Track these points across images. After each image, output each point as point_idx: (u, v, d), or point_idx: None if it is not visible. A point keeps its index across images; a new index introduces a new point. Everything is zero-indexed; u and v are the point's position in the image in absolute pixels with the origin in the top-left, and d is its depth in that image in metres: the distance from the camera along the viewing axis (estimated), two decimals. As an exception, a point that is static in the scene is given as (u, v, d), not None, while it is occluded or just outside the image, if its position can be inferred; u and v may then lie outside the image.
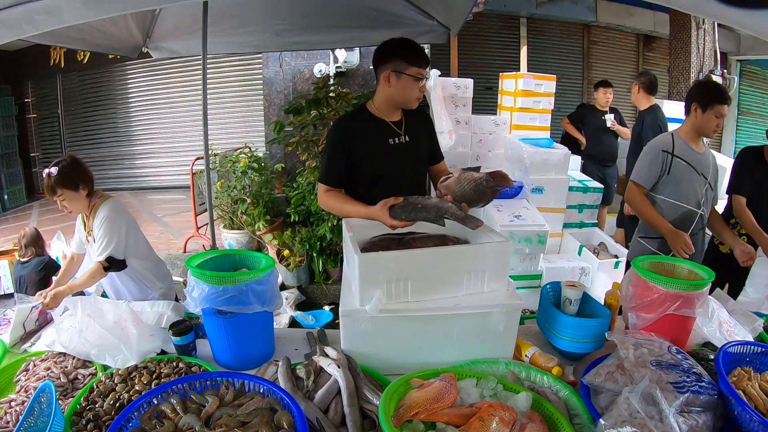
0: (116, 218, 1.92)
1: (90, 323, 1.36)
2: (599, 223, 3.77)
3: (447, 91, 3.34)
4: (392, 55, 1.63)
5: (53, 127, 7.45)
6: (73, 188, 1.85)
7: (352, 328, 1.25)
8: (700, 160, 2.10)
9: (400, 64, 1.61)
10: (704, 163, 2.11)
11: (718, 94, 2.04)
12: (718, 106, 2.02)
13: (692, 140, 2.12)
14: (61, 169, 1.83)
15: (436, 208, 1.38)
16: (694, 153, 2.11)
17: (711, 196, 2.17)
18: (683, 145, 2.12)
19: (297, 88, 5.46)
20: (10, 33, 1.20)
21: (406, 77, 1.62)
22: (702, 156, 2.11)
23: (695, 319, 1.35)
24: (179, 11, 2.99)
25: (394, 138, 1.73)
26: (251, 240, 4.63)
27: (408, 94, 1.65)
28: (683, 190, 2.11)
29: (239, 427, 0.92)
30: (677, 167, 2.10)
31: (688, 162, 2.09)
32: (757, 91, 7.47)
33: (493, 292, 1.30)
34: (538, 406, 1.07)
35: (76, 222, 2.03)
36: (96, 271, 1.88)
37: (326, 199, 1.72)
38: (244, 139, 5.77)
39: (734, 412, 0.98)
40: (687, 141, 2.12)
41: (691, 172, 2.09)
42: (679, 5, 1.17)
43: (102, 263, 1.88)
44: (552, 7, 6.55)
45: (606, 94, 4.36)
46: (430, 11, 2.99)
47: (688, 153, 2.11)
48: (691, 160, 2.10)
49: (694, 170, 2.09)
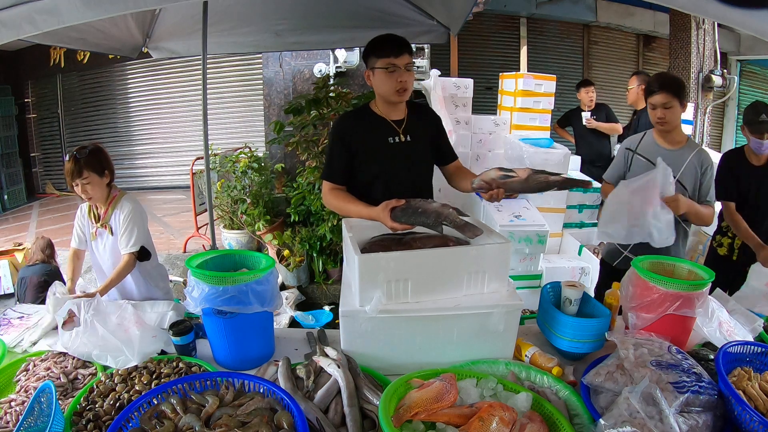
0: (141, 211, 1.96)
1: (92, 324, 1.36)
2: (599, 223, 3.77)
3: (447, 91, 3.35)
4: (366, 54, 1.68)
5: (53, 127, 7.45)
6: (99, 173, 1.87)
7: (352, 329, 1.26)
8: (667, 157, 1.98)
9: (371, 59, 1.65)
10: (672, 160, 1.98)
11: (649, 85, 1.99)
12: (650, 97, 1.96)
13: (661, 137, 2.06)
14: (90, 152, 1.87)
15: (436, 213, 1.38)
16: (661, 150, 2.04)
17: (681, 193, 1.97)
18: (651, 142, 2.08)
19: (297, 88, 5.46)
20: (10, 33, 1.20)
21: (378, 71, 1.64)
22: (670, 152, 2.01)
23: (695, 319, 1.35)
24: (179, 11, 2.98)
25: (393, 137, 1.73)
26: (251, 240, 4.63)
27: (386, 87, 1.64)
28: None
29: (239, 427, 0.92)
30: (637, 164, 2.08)
31: (648, 159, 2.05)
32: (757, 91, 7.46)
33: (493, 292, 1.30)
34: (538, 406, 1.07)
35: (76, 218, 2.03)
36: (128, 262, 1.90)
37: (330, 197, 1.73)
38: (244, 139, 5.77)
39: (734, 412, 0.98)
40: (656, 138, 2.07)
41: (650, 169, 1.98)
42: (679, 5, 1.17)
43: (134, 254, 1.91)
44: (552, 7, 6.55)
45: (588, 93, 4.28)
46: (430, 11, 2.99)
47: (653, 150, 2.06)
48: (654, 157, 2.01)
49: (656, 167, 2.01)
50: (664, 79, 1.95)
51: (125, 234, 1.91)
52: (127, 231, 1.90)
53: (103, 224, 1.95)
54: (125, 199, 1.95)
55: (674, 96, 1.91)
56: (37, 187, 7.53)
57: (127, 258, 1.90)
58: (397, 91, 1.64)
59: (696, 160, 1.99)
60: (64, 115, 7.36)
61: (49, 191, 7.48)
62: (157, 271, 2.13)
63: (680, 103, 1.94)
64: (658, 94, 1.93)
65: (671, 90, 1.90)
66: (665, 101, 1.91)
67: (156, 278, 2.10)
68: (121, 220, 1.91)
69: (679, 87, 1.93)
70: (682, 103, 1.95)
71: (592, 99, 4.30)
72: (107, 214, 1.94)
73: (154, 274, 2.09)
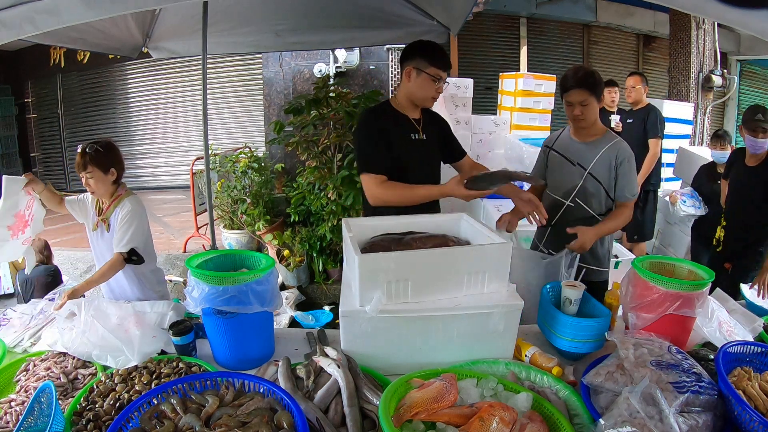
0: (142, 214, 1.95)
1: (93, 324, 1.36)
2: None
3: (447, 91, 3.35)
4: (416, 53, 1.76)
5: (53, 127, 7.45)
6: (103, 170, 1.87)
7: (352, 329, 1.25)
8: (580, 150, 1.95)
9: (422, 62, 1.74)
10: (585, 153, 1.94)
11: (565, 81, 1.89)
12: (565, 94, 1.88)
13: (576, 132, 1.99)
14: (97, 149, 1.87)
15: (503, 175, 1.62)
16: (576, 144, 1.98)
17: (595, 187, 1.93)
18: (566, 137, 2.04)
19: (297, 88, 5.47)
20: (10, 33, 1.20)
21: (425, 75, 1.74)
22: (583, 146, 1.95)
23: (695, 319, 1.35)
24: (179, 11, 2.98)
25: (415, 134, 1.83)
26: (251, 240, 4.64)
27: (425, 91, 1.77)
28: (555, 181, 2.05)
29: (239, 427, 0.91)
30: (552, 160, 2.07)
31: (562, 154, 2.01)
32: (757, 91, 7.46)
33: (493, 292, 1.30)
34: (539, 406, 1.07)
35: (87, 197, 2.02)
36: (116, 261, 1.86)
37: (384, 189, 1.74)
38: (244, 139, 5.77)
39: (734, 412, 0.98)
40: (572, 133, 2.01)
41: (563, 163, 1.99)
42: (679, 5, 1.17)
43: (123, 254, 1.86)
44: (552, 7, 6.56)
45: (611, 94, 4.04)
46: (430, 11, 2.99)
47: (567, 144, 2.02)
48: (568, 151, 2.00)
49: (569, 161, 1.98)
50: (580, 75, 1.83)
51: (119, 232, 1.89)
52: (122, 230, 1.89)
53: (104, 219, 1.95)
54: (129, 198, 1.95)
55: (591, 93, 1.82)
56: (37, 187, 7.52)
57: (115, 257, 1.86)
58: (432, 98, 1.81)
59: (611, 153, 1.88)
60: (64, 115, 7.36)
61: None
62: (154, 274, 2.11)
63: (597, 99, 1.85)
64: (574, 91, 1.83)
65: (587, 86, 1.81)
66: (582, 99, 1.82)
67: (152, 281, 2.08)
68: (119, 219, 1.91)
69: (595, 83, 1.83)
70: (598, 99, 1.87)
71: (614, 100, 4.06)
72: (108, 210, 1.94)
73: (150, 277, 2.07)
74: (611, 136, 1.93)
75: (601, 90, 1.90)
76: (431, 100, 1.82)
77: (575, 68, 1.88)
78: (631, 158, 1.89)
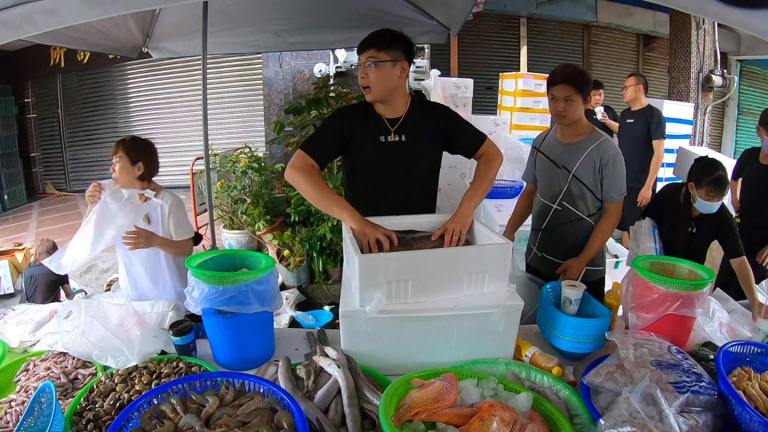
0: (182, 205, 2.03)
1: (93, 324, 1.36)
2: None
3: (447, 91, 3.35)
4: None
5: (53, 127, 7.46)
6: (131, 160, 1.90)
7: (352, 329, 1.25)
8: (564, 152, 1.91)
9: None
10: (569, 156, 1.90)
11: (552, 75, 1.86)
12: (551, 88, 1.85)
13: (561, 132, 1.96)
14: (133, 138, 1.95)
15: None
16: (560, 145, 1.95)
17: (581, 190, 1.89)
18: (552, 139, 2.00)
19: (297, 88, 5.47)
20: (10, 33, 1.20)
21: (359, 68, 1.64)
22: (567, 147, 1.91)
23: (695, 319, 1.35)
24: (179, 11, 2.98)
25: (385, 136, 1.68)
26: (251, 240, 4.64)
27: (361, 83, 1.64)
28: (543, 184, 2.02)
29: (239, 427, 0.91)
30: (540, 162, 2.03)
31: (548, 156, 1.98)
32: (757, 91, 7.46)
33: (493, 293, 1.30)
34: (539, 406, 1.07)
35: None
36: (187, 246, 1.98)
37: (301, 171, 1.55)
38: (244, 139, 5.78)
39: (734, 412, 0.98)
40: (558, 134, 1.97)
41: (549, 166, 1.96)
42: (679, 5, 1.17)
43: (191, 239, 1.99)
44: (552, 7, 6.56)
45: (595, 96, 4.18)
46: (430, 11, 2.99)
47: (552, 146, 1.98)
48: (553, 153, 1.96)
49: (554, 164, 1.95)
50: (568, 71, 1.81)
51: (176, 219, 1.96)
52: (177, 218, 1.97)
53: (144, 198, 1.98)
54: (165, 192, 1.99)
55: (576, 90, 1.79)
56: (37, 187, 7.53)
57: (184, 243, 1.97)
58: (362, 87, 1.62)
59: (595, 153, 1.84)
60: (64, 115, 7.37)
61: (49, 191, 7.49)
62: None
63: (582, 98, 1.82)
64: (560, 86, 1.80)
65: (573, 83, 1.78)
66: (567, 94, 1.79)
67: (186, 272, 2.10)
68: (167, 209, 1.95)
69: (583, 81, 1.80)
70: (584, 99, 1.83)
71: (598, 102, 4.25)
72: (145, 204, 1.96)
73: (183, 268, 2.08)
74: (596, 135, 1.88)
75: (589, 90, 1.85)
76: (364, 89, 1.63)
77: (565, 65, 1.85)
78: (617, 157, 1.83)
